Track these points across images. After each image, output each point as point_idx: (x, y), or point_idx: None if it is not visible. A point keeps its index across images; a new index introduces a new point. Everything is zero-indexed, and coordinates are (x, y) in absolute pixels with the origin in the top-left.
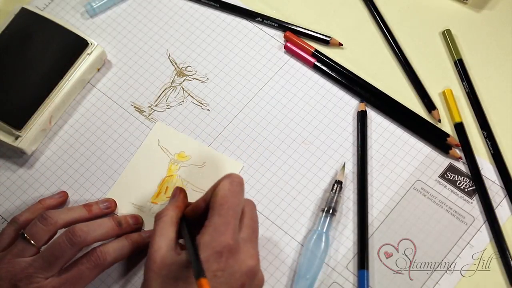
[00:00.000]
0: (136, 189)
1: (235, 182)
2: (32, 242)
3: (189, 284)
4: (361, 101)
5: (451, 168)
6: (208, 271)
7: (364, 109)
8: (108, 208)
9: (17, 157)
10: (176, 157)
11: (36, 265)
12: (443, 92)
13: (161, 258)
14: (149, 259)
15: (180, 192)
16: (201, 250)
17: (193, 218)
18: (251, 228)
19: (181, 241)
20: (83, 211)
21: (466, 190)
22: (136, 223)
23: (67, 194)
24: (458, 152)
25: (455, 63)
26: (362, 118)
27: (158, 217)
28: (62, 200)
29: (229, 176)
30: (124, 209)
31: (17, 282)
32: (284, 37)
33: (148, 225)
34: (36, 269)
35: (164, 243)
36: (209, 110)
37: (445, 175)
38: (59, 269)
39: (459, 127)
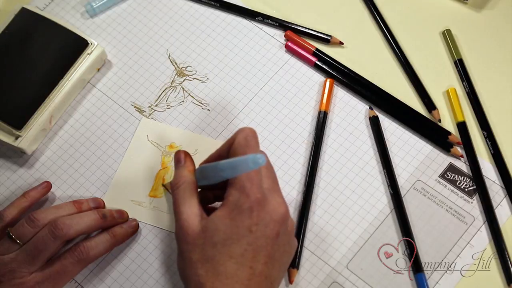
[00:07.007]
0: (133, 186)
1: (250, 136)
2: (18, 241)
3: (228, 246)
4: (370, 108)
5: (451, 168)
6: (243, 228)
7: (375, 115)
8: (97, 207)
9: (17, 157)
10: (167, 149)
11: (19, 259)
12: (447, 91)
13: (192, 228)
14: (181, 230)
15: (185, 155)
16: (231, 209)
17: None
18: (270, 178)
19: None
20: (72, 209)
21: (466, 189)
22: (121, 217)
23: (51, 184)
24: (459, 150)
25: (455, 63)
26: (375, 124)
27: (175, 186)
28: (45, 190)
29: (242, 131)
30: (124, 207)
31: (0, 278)
32: (285, 36)
33: (151, 219)
34: (19, 263)
35: (191, 211)
36: (209, 110)
37: (445, 175)
38: (42, 263)
39: (462, 126)
